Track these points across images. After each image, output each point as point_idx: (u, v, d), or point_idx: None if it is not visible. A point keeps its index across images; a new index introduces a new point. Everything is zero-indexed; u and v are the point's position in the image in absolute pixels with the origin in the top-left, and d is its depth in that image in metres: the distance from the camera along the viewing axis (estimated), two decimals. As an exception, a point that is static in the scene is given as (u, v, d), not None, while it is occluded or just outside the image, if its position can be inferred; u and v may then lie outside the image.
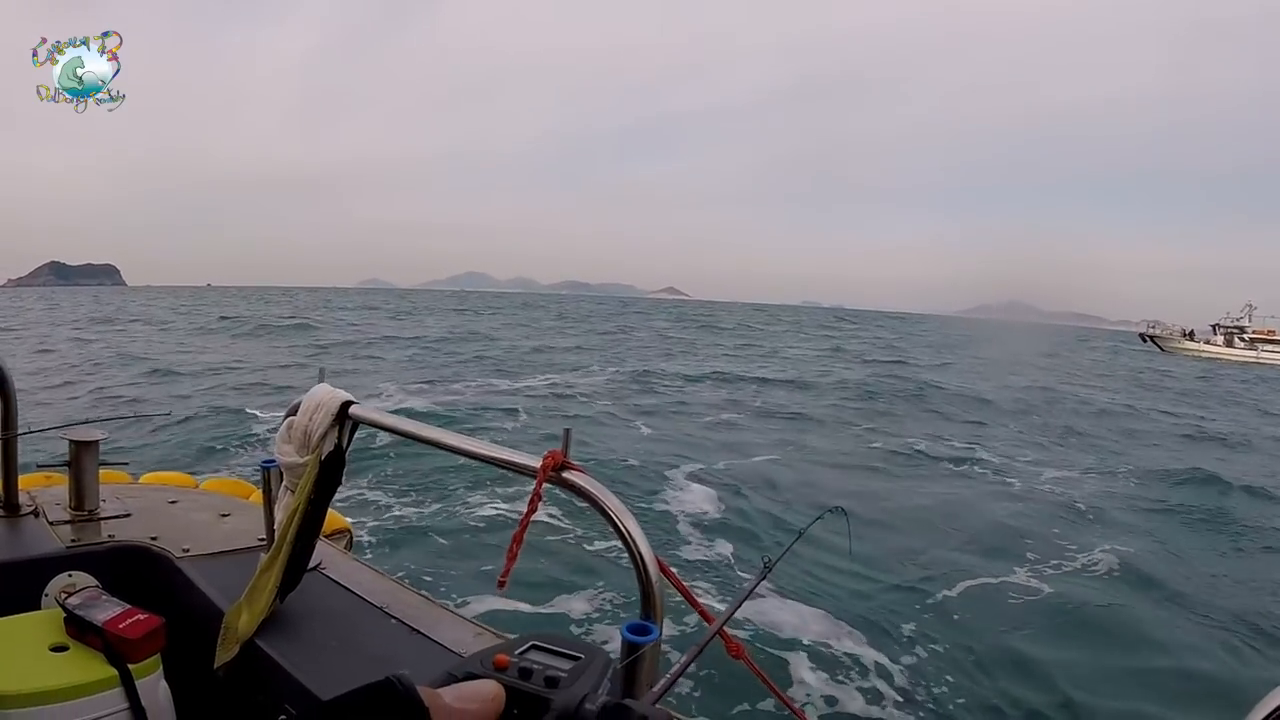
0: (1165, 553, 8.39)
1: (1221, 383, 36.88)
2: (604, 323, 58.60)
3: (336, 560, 2.19)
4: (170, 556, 2.16)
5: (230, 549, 2.23)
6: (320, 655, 1.67)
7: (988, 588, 6.92)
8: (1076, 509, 9.91)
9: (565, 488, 1.31)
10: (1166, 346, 59.48)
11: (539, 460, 1.32)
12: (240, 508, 2.60)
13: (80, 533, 2.27)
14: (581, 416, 14.90)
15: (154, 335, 32.90)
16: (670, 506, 8.71)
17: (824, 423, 15.85)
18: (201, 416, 12.80)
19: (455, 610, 1.93)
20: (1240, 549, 8.88)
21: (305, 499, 1.73)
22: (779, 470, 11.05)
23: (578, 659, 0.64)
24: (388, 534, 7.08)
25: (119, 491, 2.60)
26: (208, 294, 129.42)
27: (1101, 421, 18.97)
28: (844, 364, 30.00)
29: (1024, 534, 8.61)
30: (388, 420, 1.69)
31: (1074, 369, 36.47)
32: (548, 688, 0.58)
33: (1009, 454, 13.59)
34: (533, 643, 0.66)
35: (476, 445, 1.50)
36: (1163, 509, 10.38)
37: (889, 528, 8.51)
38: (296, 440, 1.76)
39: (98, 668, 1.61)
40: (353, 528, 2.65)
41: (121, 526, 2.33)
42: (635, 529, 1.26)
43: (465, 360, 25.12)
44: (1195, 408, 24.90)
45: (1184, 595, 7.06)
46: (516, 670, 0.59)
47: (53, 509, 2.38)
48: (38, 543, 2.18)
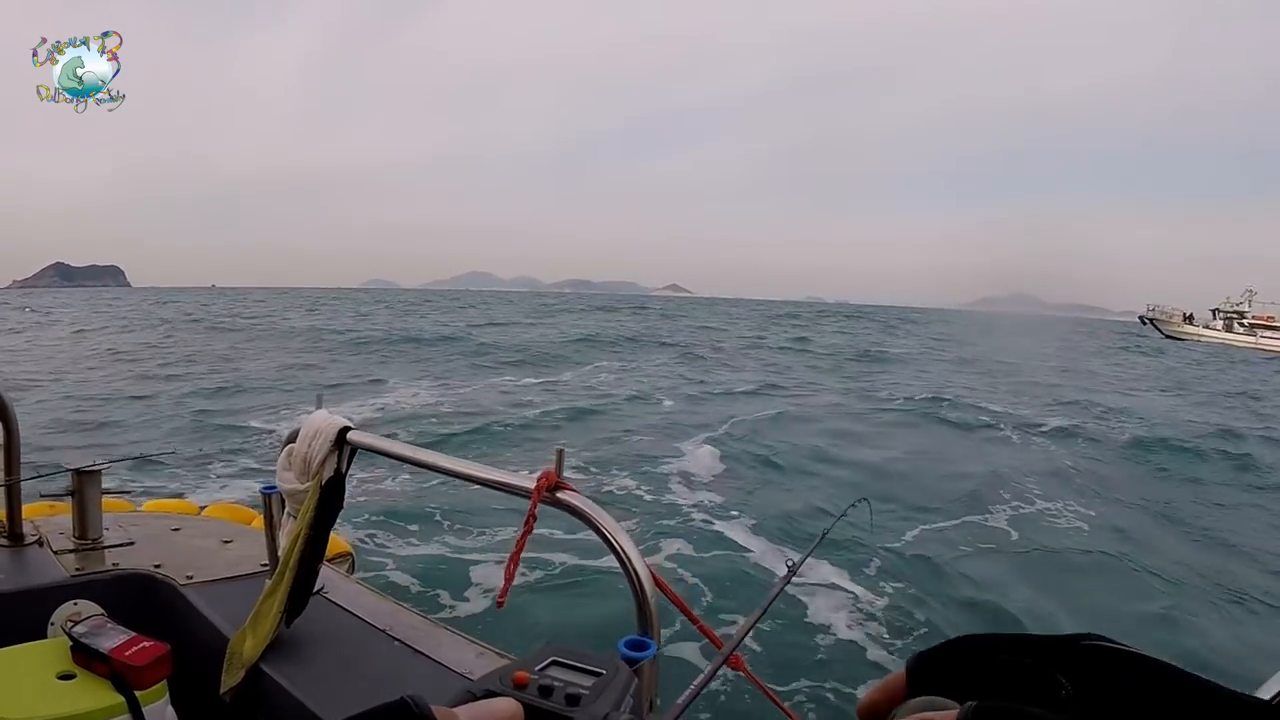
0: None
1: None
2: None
3: (339, 584, 2.21)
4: (174, 583, 2.18)
5: (233, 575, 2.25)
6: (325, 678, 1.70)
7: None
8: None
9: (560, 507, 1.34)
10: (1166, 330, 59.86)
11: (533, 481, 1.35)
12: (242, 534, 2.62)
13: (84, 561, 2.29)
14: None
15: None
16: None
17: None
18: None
19: (457, 631, 1.95)
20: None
21: (307, 524, 1.76)
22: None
23: (599, 675, 0.64)
24: (387, 555, 7.07)
25: (122, 519, 2.62)
26: (255, 294, 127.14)
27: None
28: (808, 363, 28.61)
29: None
30: (385, 445, 1.73)
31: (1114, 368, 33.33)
32: (569, 706, 0.58)
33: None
34: (553, 658, 0.66)
35: (471, 468, 1.53)
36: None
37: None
38: (296, 467, 1.80)
39: (105, 695, 1.63)
40: (354, 551, 2.67)
41: (125, 554, 2.35)
42: (629, 545, 1.29)
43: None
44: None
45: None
46: (537, 688, 0.60)
47: (57, 538, 2.40)
48: (42, 572, 2.20)
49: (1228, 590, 6.99)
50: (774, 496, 9.22)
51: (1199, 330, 58.51)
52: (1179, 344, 53.88)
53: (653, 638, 1.24)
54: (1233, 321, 57.63)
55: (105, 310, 58.16)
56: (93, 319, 44.72)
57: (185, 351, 25.50)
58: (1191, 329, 58.83)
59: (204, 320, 43.29)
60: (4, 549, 2.34)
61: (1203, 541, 8.56)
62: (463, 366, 22.66)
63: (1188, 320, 60.40)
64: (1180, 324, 59.91)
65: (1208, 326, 58.97)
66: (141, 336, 32.01)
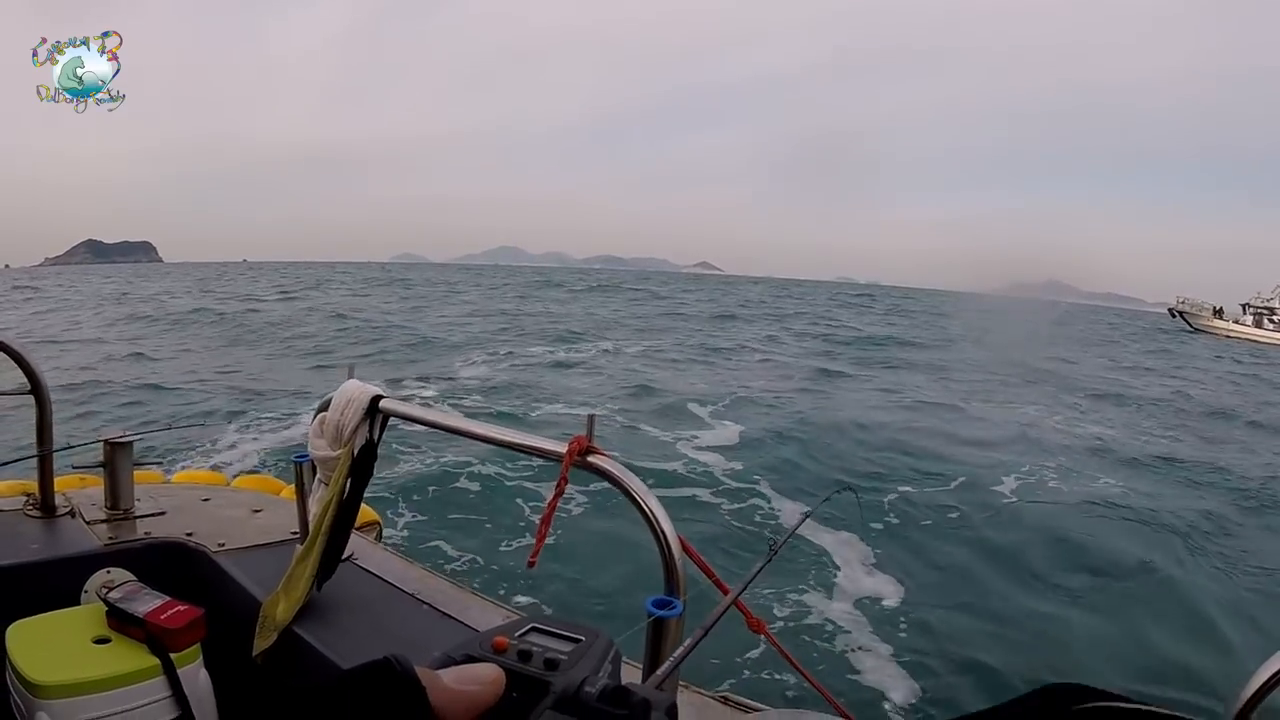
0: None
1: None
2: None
3: (368, 551, 2.23)
4: (206, 551, 2.20)
5: (264, 543, 2.27)
6: (355, 640, 1.71)
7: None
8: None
9: (590, 471, 1.34)
10: (1195, 324, 58.60)
11: (565, 446, 1.35)
12: (271, 503, 2.64)
13: (117, 531, 2.31)
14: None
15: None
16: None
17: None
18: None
19: (485, 595, 1.97)
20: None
21: (339, 491, 1.77)
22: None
23: (578, 641, 0.63)
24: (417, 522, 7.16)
25: (153, 491, 2.65)
26: (269, 268, 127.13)
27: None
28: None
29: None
30: (417, 412, 1.73)
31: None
32: (547, 670, 0.58)
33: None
34: (532, 625, 0.66)
35: (504, 433, 1.53)
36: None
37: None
38: (329, 435, 1.80)
39: (140, 658, 1.65)
40: (382, 519, 2.69)
41: (157, 524, 2.38)
42: (658, 508, 1.29)
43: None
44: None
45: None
46: (516, 653, 0.59)
47: (89, 509, 2.43)
48: (75, 541, 2.23)
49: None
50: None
51: (1228, 325, 57.11)
52: (1210, 339, 52.42)
53: (679, 597, 1.25)
54: (1262, 318, 56.25)
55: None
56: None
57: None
58: (1221, 324, 57.43)
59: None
60: (36, 520, 2.36)
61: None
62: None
63: (1217, 315, 58.93)
64: (1210, 318, 58.47)
65: (1237, 322, 57.56)
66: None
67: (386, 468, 8.32)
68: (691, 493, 8.33)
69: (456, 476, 8.31)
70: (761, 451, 10.22)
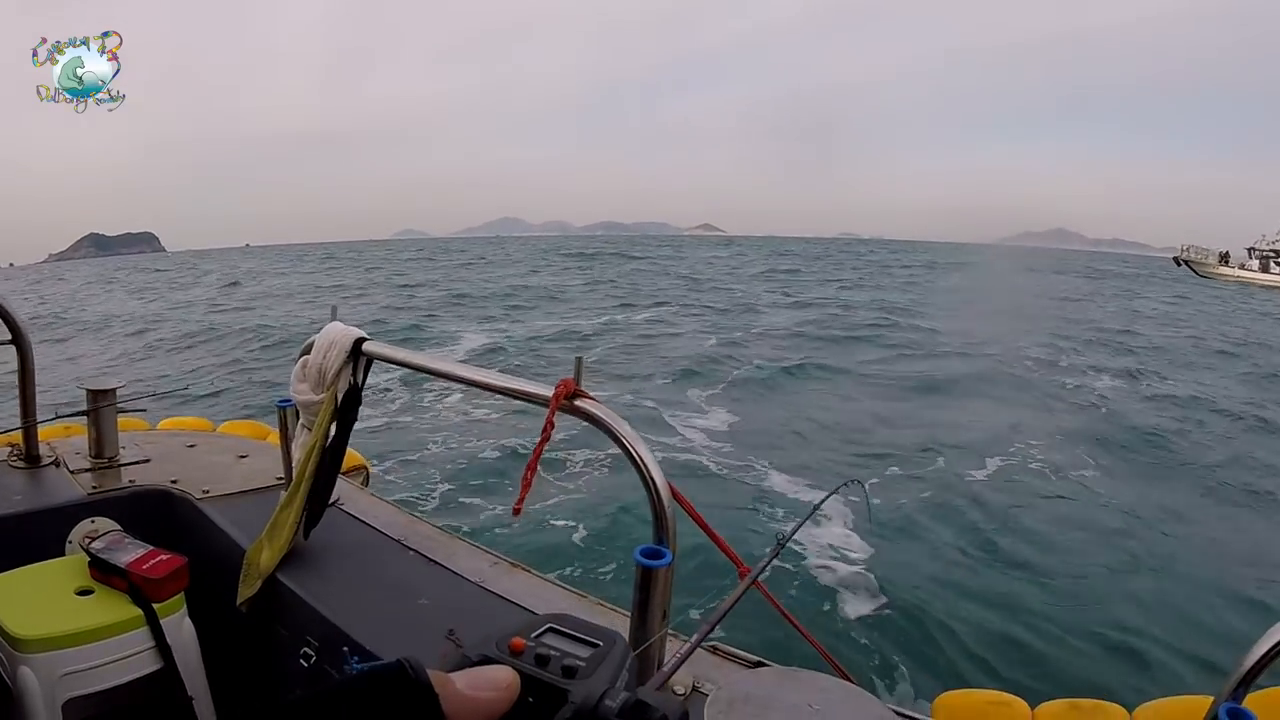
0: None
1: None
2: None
3: (354, 496, 2.20)
4: (190, 498, 2.17)
5: (250, 489, 2.24)
6: (341, 588, 1.68)
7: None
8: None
9: (578, 415, 1.28)
10: (1202, 271, 57.78)
11: (551, 389, 1.29)
12: (258, 449, 2.61)
13: (101, 479, 2.28)
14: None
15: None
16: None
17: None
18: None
19: (471, 541, 1.94)
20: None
21: (322, 436, 1.72)
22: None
23: (596, 645, 0.61)
24: (405, 467, 7.15)
25: (137, 438, 2.61)
26: (276, 252, 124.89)
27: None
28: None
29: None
30: (401, 355, 1.68)
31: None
32: (565, 677, 0.56)
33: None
34: (550, 625, 0.63)
35: (489, 376, 1.48)
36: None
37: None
38: (311, 379, 1.75)
39: (123, 608, 1.63)
40: (370, 464, 2.65)
41: (141, 472, 2.34)
42: (647, 454, 1.24)
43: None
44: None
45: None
46: (533, 656, 0.57)
47: (73, 458, 2.40)
48: (60, 491, 2.20)
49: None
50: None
51: (1235, 271, 56.10)
52: (1215, 285, 50.99)
53: (668, 547, 1.20)
54: (1269, 261, 55.28)
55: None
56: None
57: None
58: (1228, 270, 56.37)
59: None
60: (21, 470, 2.33)
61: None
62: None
63: (1223, 260, 57.88)
64: (1216, 265, 57.42)
65: (1243, 266, 56.56)
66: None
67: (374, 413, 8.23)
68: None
69: (445, 423, 8.26)
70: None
